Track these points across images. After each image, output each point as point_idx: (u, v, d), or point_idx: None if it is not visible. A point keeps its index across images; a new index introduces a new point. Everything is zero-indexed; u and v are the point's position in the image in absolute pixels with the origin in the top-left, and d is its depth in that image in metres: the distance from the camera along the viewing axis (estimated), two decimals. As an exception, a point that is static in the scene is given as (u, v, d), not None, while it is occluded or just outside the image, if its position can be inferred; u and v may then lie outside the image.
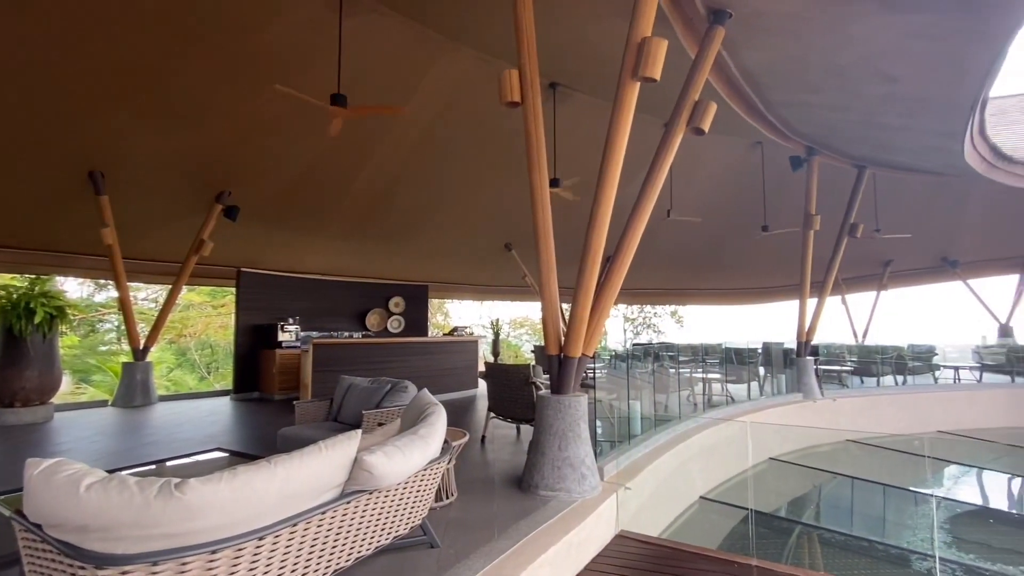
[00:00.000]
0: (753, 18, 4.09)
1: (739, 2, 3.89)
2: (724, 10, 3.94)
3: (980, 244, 13.44)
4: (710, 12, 3.99)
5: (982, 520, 6.69)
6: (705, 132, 3.92)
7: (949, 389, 10.28)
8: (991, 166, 6.93)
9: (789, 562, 4.69)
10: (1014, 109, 11.35)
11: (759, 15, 4.08)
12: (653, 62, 3.21)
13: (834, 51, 4.43)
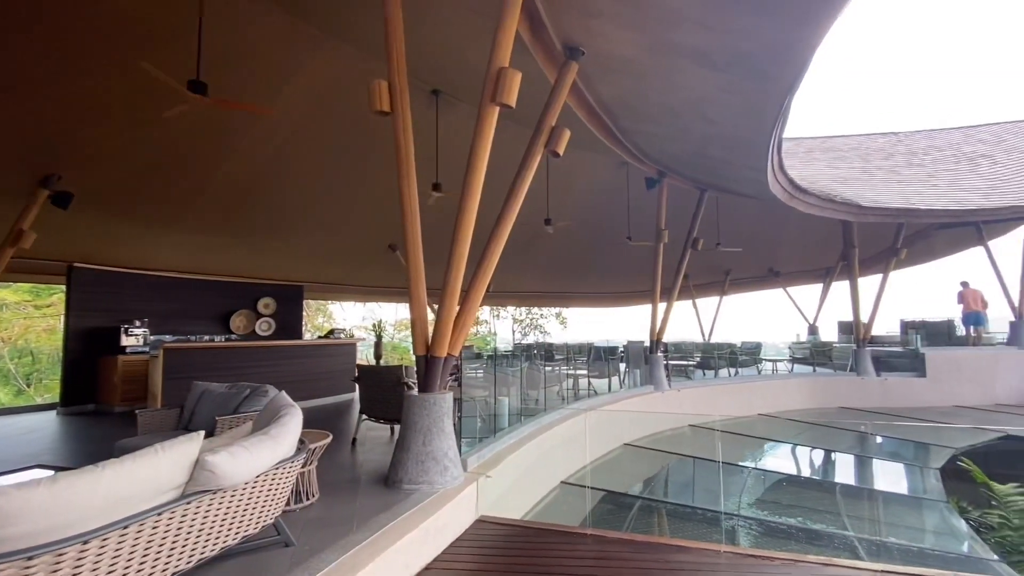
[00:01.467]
0: (602, 58, 4.68)
1: (590, 43, 4.44)
2: (578, 48, 4.47)
3: (796, 258, 16.25)
4: (566, 48, 4.50)
5: (785, 484, 8.19)
6: (560, 155, 4.40)
7: (769, 379, 12.30)
8: (791, 196, 8.56)
9: (630, 530, 5.39)
10: (818, 148, 14.00)
11: (608, 56, 4.68)
12: (509, 91, 3.58)
13: (666, 93, 5.24)
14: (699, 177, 8.85)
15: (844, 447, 9.95)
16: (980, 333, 12.83)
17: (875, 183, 11.83)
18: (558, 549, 3.76)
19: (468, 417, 5.33)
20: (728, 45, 4.15)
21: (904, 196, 10.95)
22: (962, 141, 14.26)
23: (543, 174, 7.40)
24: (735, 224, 11.84)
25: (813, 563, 3.57)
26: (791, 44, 3.98)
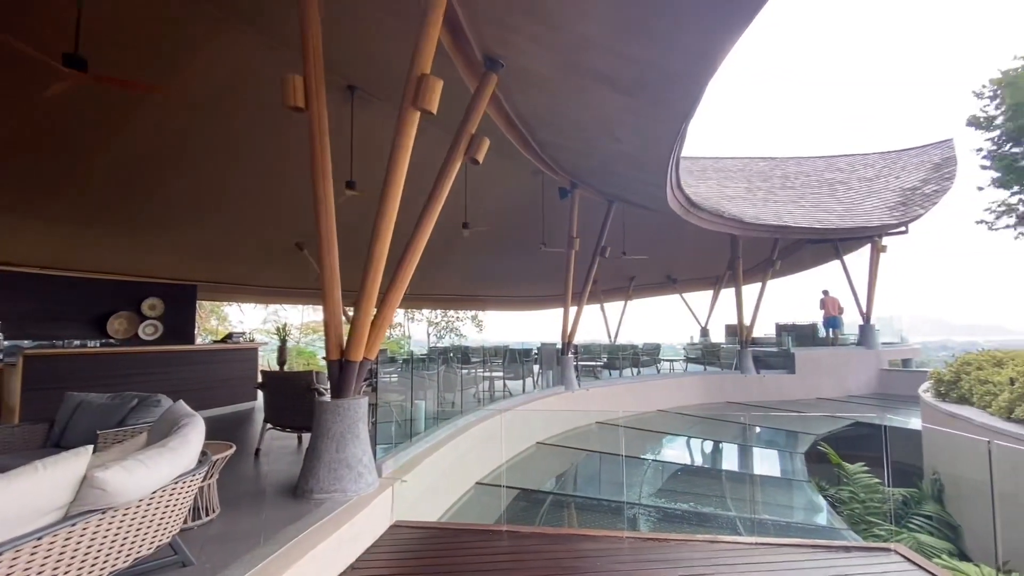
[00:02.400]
0: (521, 72, 4.88)
1: (509, 57, 4.61)
2: (497, 60, 4.63)
3: (691, 267, 17.80)
4: (486, 58, 4.63)
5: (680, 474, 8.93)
6: (480, 162, 4.52)
7: (666, 377, 13.34)
8: (687, 211, 9.43)
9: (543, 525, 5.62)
10: (710, 168, 15.50)
11: (525, 71, 4.89)
12: (430, 98, 3.63)
13: (578, 111, 5.57)
14: (607, 190, 9.44)
15: (730, 438, 11.06)
16: (837, 335, 14.93)
17: (756, 202, 13.35)
18: (474, 547, 3.84)
19: (384, 422, 5.25)
20: (634, 72, 4.53)
21: (778, 215, 12.48)
22: (824, 168, 16.53)
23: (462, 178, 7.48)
24: (639, 234, 12.73)
25: (702, 541, 3.99)
26: (688, 76, 4.44)
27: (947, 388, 7.89)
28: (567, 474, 8.92)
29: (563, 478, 8.78)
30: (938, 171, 14.39)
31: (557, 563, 3.61)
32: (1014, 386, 6.20)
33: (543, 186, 10.76)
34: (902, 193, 14.07)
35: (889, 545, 3.83)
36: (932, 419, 8.00)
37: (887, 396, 13.27)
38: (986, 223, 7.83)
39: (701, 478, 9.01)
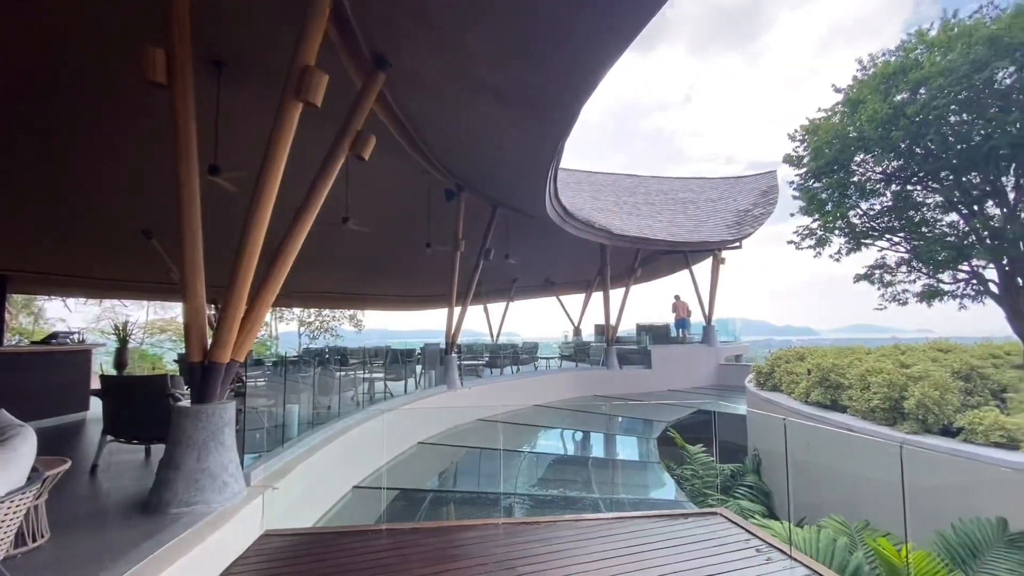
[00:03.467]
0: (410, 74, 4.93)
1: (398, 58, 4.63)
2: (386, 60, 4.62)
3: (567, 271, 19.04)
4: (375, 56, 4.60)
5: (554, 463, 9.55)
6: (366, 159, 4.48)
7: (543, 374, 14.15)
8: (563, 220, 10.17)
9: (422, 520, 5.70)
10: (585, 181, 16.78)
11: (414, 73, 4.95)
12: (315, 91, 3.54)
13: (466, 118, 5.77)
14: (492, 195, 9.78)
15: (597, 427, 12.08)
16: (686, 334, 17.08)
17: (623, 215, 14.78)
18: (354, 548, 3.81)
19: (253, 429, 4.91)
20: (518, 89, 4.84)
21: (641, 227, 13.96)
22: (679, 189, 18.82)
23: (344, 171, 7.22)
24: (522, 239, 13.33)
25: (568, 520, 4.41)
26: (566, 97, 4.86)
27: (764, 378, 9.53)
28: (449, 471, 9.06)
29: (445, 475, 8.91)
30: (764, 197, 17.23)
31: (437, 553, 3.74)
32: (810, 375, 7.74)
33: (430, 186, 10.79)
34: (737, 214, 16.59)
35: (716, 510, 4.59)
36: (754, 405, 9.60)
37: (724, 387, 15.49)
38: (794, 243, 9.63)
39: (572, 466, 9.74)
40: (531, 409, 12.54)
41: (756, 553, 3.74)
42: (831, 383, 7.12)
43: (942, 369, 6.10)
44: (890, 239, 8.56)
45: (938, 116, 6.93)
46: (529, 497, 6.70)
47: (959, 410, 5.36)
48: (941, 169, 7.59)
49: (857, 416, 6.36)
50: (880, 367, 6.42)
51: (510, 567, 3.48)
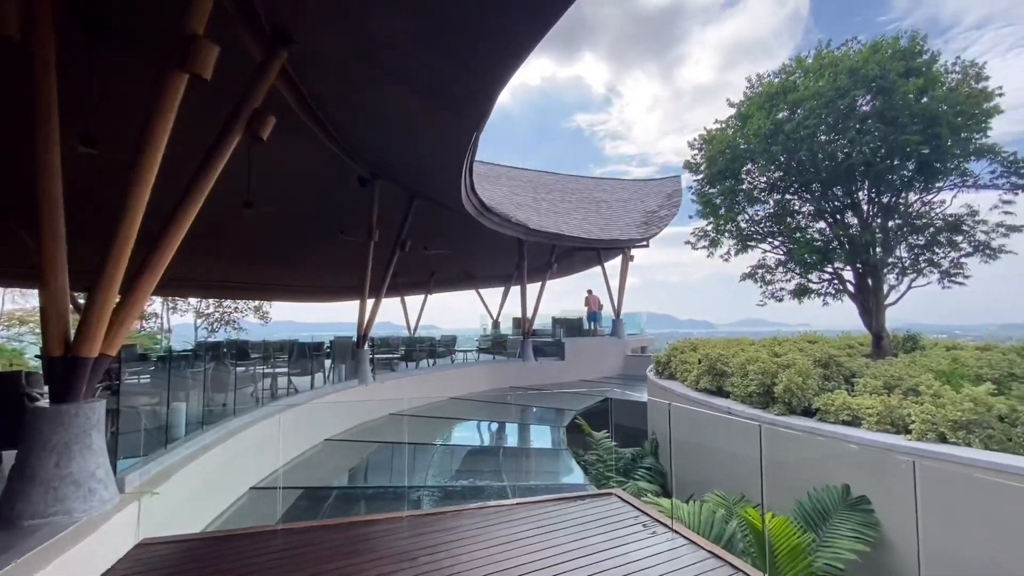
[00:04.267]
0: (316, 55, 4.70)
1: (302, 36, 4.40)
2: (289, 37, 4.36)
3: (487, 264, 19.17)
4: (276, 32, 4.33)
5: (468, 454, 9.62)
6: (264, 140, 4.22)
7: (460, 367, 14.17)
8: (480, 213, 10.24)
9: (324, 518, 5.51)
10: (505, 176, 16.97)
11: (321, 55, 4.72)
12: (203, 62, 3.27)
13: (378, 104, 5.62)
14: (408, 184, 9.59)
15: (511, 418, 12.33)
16: (597, 327, 17.92)
17: (541, 211, 15.16)
18: (244, 552, 3.62)
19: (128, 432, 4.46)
20: (430, 79, 4.79)
21: (556, 224, 14.40)
22: (594, 188, 19.64)
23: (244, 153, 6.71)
24: (441, 231, 13.21)
25: (473, 509, 4.50)
26: (478, 89, 4.88)
27: (662, 368, 10.28)
28: (359, 467, 8.82)
29: (355, 471, 8.66)
30: (669, 200, 18.48)
31: (336, 550, 3.65)
32: (700, 364, 8.46)
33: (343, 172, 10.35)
34: (645, 214, 17.65)
35: (611, 491, 4.91)
36: (653, 392, 10.32)
37: (630, 376, 16.46)
38: (690, 244, 10.46)
39: (485, 456, 9.87)
40: (447, 402, 12.53)
41: (643, 528, 4.06)
42: (717, 371, 7.86)
43: (806, 358, 6.97)
44: (771, 242, 9.59)
45: (809, 134, 7.86)
46: (439, 489, 6.71)
47: (817, 393, 6.17)
48: (812, 182, 8.61)
49: (737, 401, 7.09)
50: (757, 356, 7.19)
51: (411, 558, 3.49)
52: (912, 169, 7.92)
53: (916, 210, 8.29)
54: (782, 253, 9.45)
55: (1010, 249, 7.84)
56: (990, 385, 5.10)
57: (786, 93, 8.32)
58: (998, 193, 7.82)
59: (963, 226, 8.03)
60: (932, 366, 6.23)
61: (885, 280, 8.45)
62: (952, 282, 8.16)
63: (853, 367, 7.04)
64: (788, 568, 4.52)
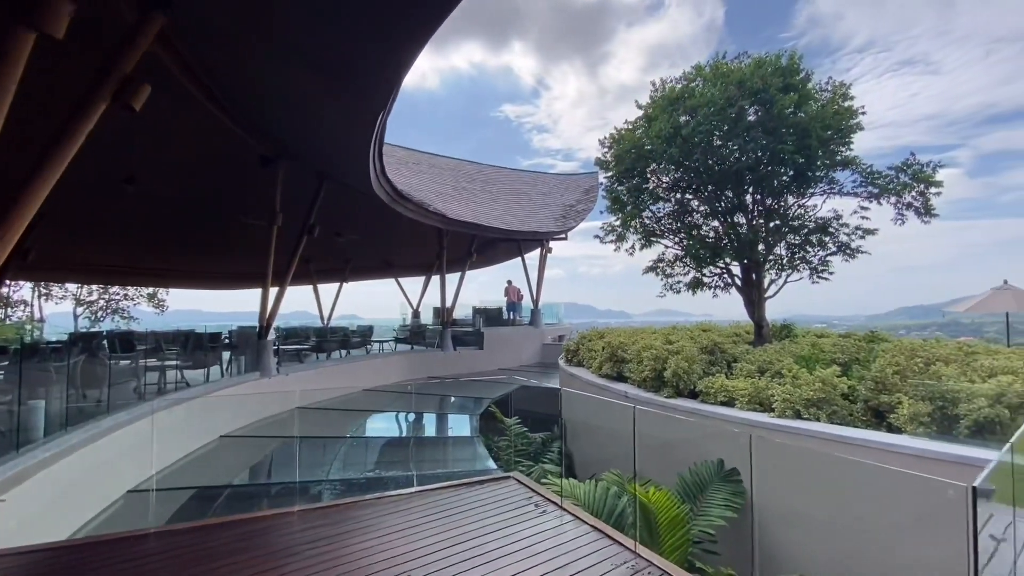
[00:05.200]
0: (202, 22, 4.35)
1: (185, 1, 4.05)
2: (167, 0, 4.00)
3: (407, 253, 18.80)
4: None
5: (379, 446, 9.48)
6: (136, 110, 3.85)
7: (376, 357, 13.86)
8: (394, 200, 10.02)
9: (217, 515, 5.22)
10: (425, 163, 16.70)
11: (207, 23, 4.38)
12: (52, 20, 2.93)
13: (277, 80, 5.31)
14: (317, 166, 9.14)
15: (428, 408, 12.29)
16: (516, 317, 18.27)
17: (461, 200, 15.11)
18: (112, 559, 3.36)
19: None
20: (331, 57, 4.61)
21: (476, 214, 14.45)
22: (516, 180, 19.88)
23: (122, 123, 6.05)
24: (355, 217, 12.75)
25: (369, 500, 4.47)
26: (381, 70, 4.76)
27: (572, 355, 10.73)
28: (261, 464, 8.41)
29: (256, 468, 8.26)
30: (587, 195, 19.16)
31: (215, 551, 3.49)
32: (603, 352, 8.94)
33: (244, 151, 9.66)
34: (564, 208, 18.18)
35: (509, 474, 5.09)
36: (564, 379, 10.75)
37: (547, 364, 16.97)
38: (599, 238, 10.95)
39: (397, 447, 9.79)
40: (360, 394, 12.24)
41: (535, 508, 4.27)
42: (618, 358, 8.35)
43: (695, 345, 7.60)
44: (671, 238, 10.29)
45: (703, 139, 8.50)
46: (341, 482, 6.59)
47: (702, 377, 6.77)
48: (706, 183, 9.34)
49: (634, 385, 7.59)
50: (652, 344, 7.73)
51: (294, 553, 3.43)
52: (790, 176, 8.83)
53: (793, 213, 9.27)
54: (680, 249, 10.17)
55: (866, 250, 9.01)
56: (837, 368, 5.87)
57: (685, 99, 8.91)
58: (858, 200, 8.94)
59: (830, 228, 9.09)
60: (796, 352, 7.05)
61: (766, 275, 9.38)
62: (820, 277, 9.23)
63: (735, 353, 7.78)
64: (668, 536, 4.95)
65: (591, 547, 3.56)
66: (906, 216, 8.54)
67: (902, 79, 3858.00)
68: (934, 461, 4.20)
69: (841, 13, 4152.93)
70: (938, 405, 4.78)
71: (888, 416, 5.10)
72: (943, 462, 4.15)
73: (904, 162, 8.45)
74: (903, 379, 5.34)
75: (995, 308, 12.79)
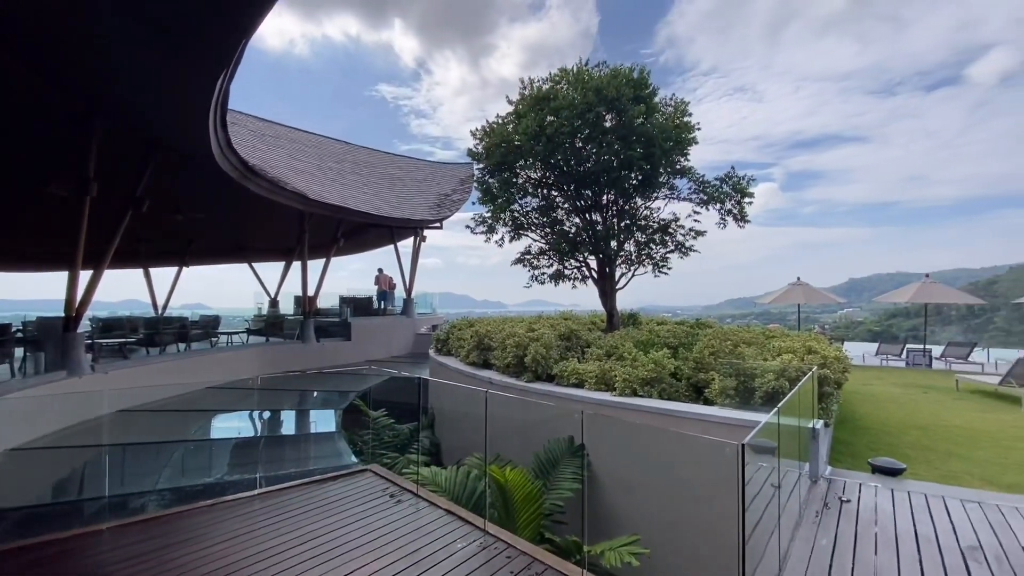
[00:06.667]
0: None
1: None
2: None
3: (262, 235, 17.11)
4: None
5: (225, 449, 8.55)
6: None
7: (223, 351, 12.46)
8: (242, 175, 9.03)
9: None
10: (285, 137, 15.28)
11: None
12: None
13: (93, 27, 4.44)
14: (143, 131, 7.83)
15: (289, 405, 11.42)
16: (387, 307, 17.74)
17: (325, 181, 14.14)
18: None
19: None
20: (165, 10, 3.99)
21: (343, 196, 13.66)
22: (389, 164, 19.19)
23: None
24: (199, 192, 11.24)
25: (200, 507, 4.05)
26: (218, 28, 4.24)
27: (442, 345, 10.78)
28: (70, 478, 7.12)
29: (63, 483, 6.97)
30: (463, 184, 19.22)
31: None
32: (471, 340, 9.12)
33: (47, 105, 7.93)
34: (439, 197, 18.04)
35: (367, 467, 4.99)
36: (433, 368, 10.75)
37: (419, 355, 16.77)
38: (470, 228, 11.11)
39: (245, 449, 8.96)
40: (202, 392, 10.94)
41: (391, 498, 4.24)
42: (484, 346, 8.60)
43: (554, 333, 8.14)
44: (538, 232, 10.84)
45: (566, 139, 9.08)
46: (172, 491, 5.85)
47: (558, 362, 7.28)
48: (569, 182, 9.99)
49: (499, 372, 7.89)
50: (516, 332, 8.10)
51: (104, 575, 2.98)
52: (639, 180, 9.82)
53: (640, 213, 10.33)
54: (545, 242, 10.76)
55: (697, 249, 10.39)
56: (668, 351, 6.73)
57: (551, 99, 9.39)
58: (692, 205, 10.27)
59: (670, 229, 10.32)
60: (637, 337, 7.91)
61: (618, 269, 10.35)
62: (661, 272, 10.44)
63: (589, 339, 8.48)
64: (523, 511, 5.26)
65: (443, 530, 3.65)
66: (727, 221, 10.01)
67: (735, 103, 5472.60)
68: (737, 427, 5.04)
69: (693, 38, 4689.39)
70: (741, 380, 5.74)
71: (705, 391, 5.99)
72: (743, 427, 5.01)
73: (727, 174, 9.89)
74: (716, 359, 6.31)
75: (791, 300, 15.70)
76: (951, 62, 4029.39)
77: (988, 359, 14.79)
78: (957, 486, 4.81)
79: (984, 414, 8.01)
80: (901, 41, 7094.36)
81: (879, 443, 6.49)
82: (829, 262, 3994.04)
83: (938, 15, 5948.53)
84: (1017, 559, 3.22)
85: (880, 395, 9.70)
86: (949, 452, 6.07)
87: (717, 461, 4.45)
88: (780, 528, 3.31)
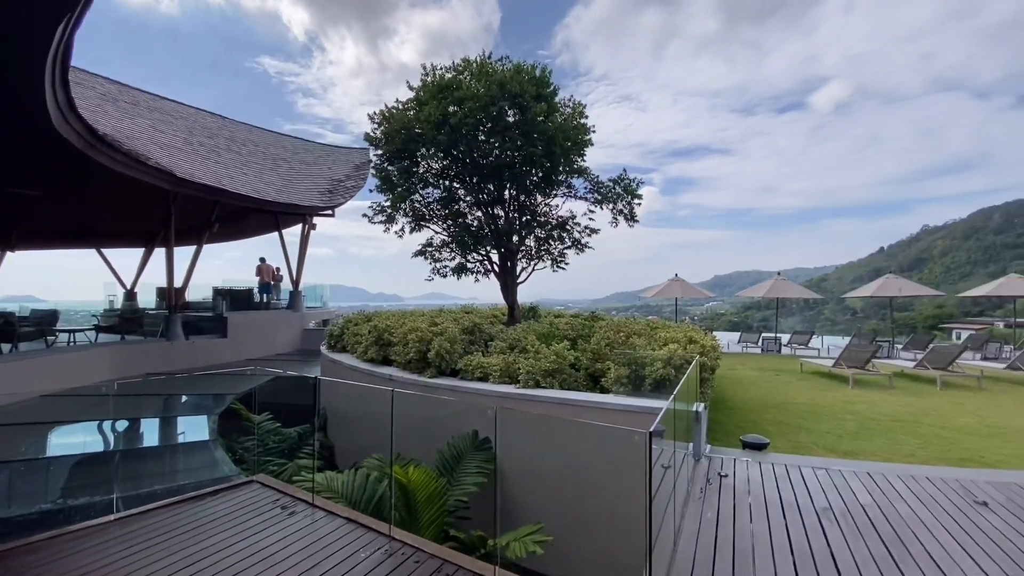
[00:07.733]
0: None
1: None
2: None
3: (117, 218, 14.73)
4: None
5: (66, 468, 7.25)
6: None
7: (63, 352, 10.54)
8: (90, 145, 7.65)
9: None
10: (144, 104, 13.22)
11: None
12: None
13: None
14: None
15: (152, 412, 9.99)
16: (270, 300, 16.28)
17: (195, 158, 12.52)
18: None
19: None
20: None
21: (218, 176, 12.21)
22: (272, 143, 17.54)
23: None
24: (36, 165, 9.30)
25: (40, 540, 3.36)
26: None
27: (335, 341, 10.15)
28: None
29: None
30: (358, 170, 18.21)
31: None
32: (369, 335, 8.70)
33: None
34: (331, 182, 16.91)
35: (252, 478, 4.52)
36: (325, 366, 10.08)
37: (309, 351, 15.64)
38: (367, 217, 10.57)
39: (92, 466, 7.70)
40: (35, 401, 9.18)
41: (282, 510, 3.87)
42: (384, 342, 8.25)
43: (457, 326, 8.05)
44: (440, 224, 10.63)
45: (469, 131, 8.99)
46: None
47: (462, 356, 7.21)
48: (472, 175, 9.91)
49: (400, 368, 7.61)
50: (417, 327, 7.88)
51: None
52: (539, 176, 10.04)
53: (540, 210, 10.60)
54: (447, 235, 10.59)
55: (592, 246, 10.91)
56: (567, 343, 6.99)
57: (454, 89, 9.22)
58: (587, 204, 10.76)
59: (567, 226, 10.71)
60: (539, 330, 8.12)
61: (519, 263, 10.52)
62: (559, 267, 10.82)
63: (492, 332, 8.52)
64: (426, 511, 5.13)
65: (344, 540, 3.42)
66: (618, 220, 10.65)
67: (622, 110, 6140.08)
68: (633, 413, 5.37)
69: (587, 44, 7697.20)
70: (633, 369, 6.14)
71: (601, 380, 6.32)
72: (636, 413, 5.35)
73: (619, 176, 10.51)
74: (611, 349, 6.68)
75: (670, 294, 17.22)
76: (797, 89, 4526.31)
77: (822, 345, 17.56)
78: (808, 455, 5.62)
79: (823, 392, 9.48)
80: (760, 67, 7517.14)
81: (746, 421, 7.37)
82: (699, 260, 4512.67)
83: (791, 46, 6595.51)
84: (859, 516, 3.84)
85: (743, 378, 11.03)
86: (799, 426, 7.08)
87: (620, 447, 4.72)
88: (675, 505, 3.59)
